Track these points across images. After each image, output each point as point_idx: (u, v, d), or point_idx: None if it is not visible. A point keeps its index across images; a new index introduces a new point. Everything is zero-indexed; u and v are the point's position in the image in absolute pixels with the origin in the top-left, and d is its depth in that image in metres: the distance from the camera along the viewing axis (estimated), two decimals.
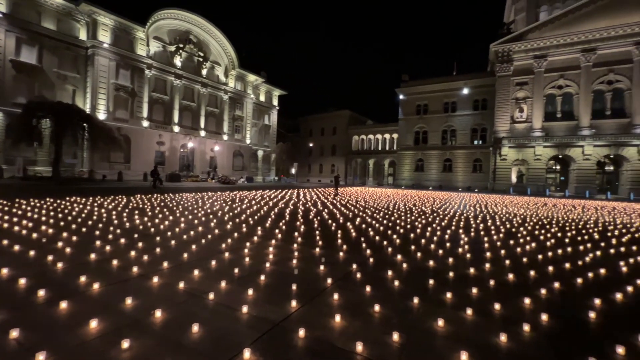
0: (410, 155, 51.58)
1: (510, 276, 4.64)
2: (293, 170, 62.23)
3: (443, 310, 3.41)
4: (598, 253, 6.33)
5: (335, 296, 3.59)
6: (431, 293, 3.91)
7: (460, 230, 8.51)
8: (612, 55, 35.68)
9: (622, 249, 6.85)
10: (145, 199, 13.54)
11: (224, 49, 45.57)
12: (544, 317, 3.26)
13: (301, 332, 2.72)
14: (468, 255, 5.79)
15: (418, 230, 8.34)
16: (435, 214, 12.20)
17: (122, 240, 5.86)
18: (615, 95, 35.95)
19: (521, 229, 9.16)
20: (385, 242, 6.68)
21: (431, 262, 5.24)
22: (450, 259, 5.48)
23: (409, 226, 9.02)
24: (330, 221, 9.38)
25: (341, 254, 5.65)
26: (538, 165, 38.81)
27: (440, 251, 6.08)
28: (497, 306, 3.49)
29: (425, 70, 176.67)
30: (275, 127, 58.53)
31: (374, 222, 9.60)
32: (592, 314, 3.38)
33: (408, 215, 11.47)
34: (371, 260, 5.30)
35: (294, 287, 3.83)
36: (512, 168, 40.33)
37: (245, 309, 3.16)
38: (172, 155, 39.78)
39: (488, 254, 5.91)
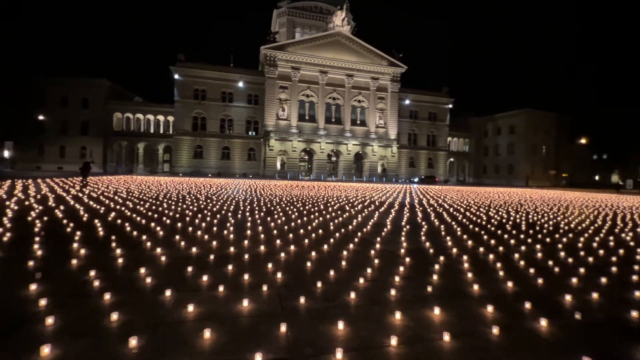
0: (189, 141, 48.99)
1: (262, 248, 5.47)
2: (6, 153, 41.56)
3: (197, 294, 3.44)
4: (321, 219, 8.82)
5: (50, 321, 2.68)
6: (188, 281, 3.85)
7: (229, 214, 9.08)
8: (336, 80, 50.62)
9: (334, 214, 9.96)
10: None
11: None
12: (279, 275, 4.10)
13: None
14: (231, 236, 6.25)
15: (187, 219, 8.03)
16: (208, 200, 12.28)
17: None
18: (336, 108, 51.54)
19: (277, 207, 11.11)
20: (145, 236, 5.88)
21: (194, 249, 5.18)
22: (215, 242, 5.68)
23: (177, 215, 8.49)
24: (65, 220, 7.05)
25: (75, 261, 4.37)
26: (294, 155, 48.93)
27: (206, 236, 6.16)
28: (246, 277, 3.98)
29: (204, 53, 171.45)
30: None
31: (134, 215, 8.23)
32: (309, 264, 4.63)
33: (179, 204, 10.80)
34: (121, 260, 4.47)
35: None
36: (277, 157, 48.30)
37: None
38: None
39: (248, 232, 6.67)
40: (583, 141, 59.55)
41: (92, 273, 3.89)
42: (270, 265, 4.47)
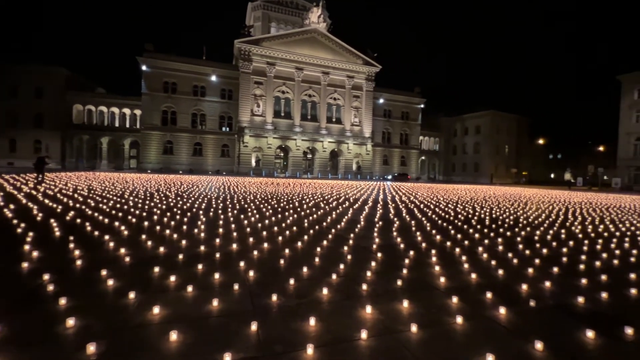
0: (158, 136, 46.79)
1: (234, 246, 5.36)
2: None
3: (164, 295, 3.30)
4: (295, 216, 8.79)
5: None
6: (155, 281, 3.68)
7: (201, 212, 8.79)
8: (311, 77, 50.50)
9: (309, 211, 9.96)
10: None
11: None
12: (251, 273, 4.03)
13: None
14: (202, 235, 6.06)
15: (155, 217, 7.68)
16: (179, 198, 11.82)
17: None
18: (312, 105, 51.49)
19: (251, 204, 10.93)
20: (108, 236, 5.55)
21: (162, 249, 4.96)
22: (184, 241, 5.47)
23: (144, 213, 8.09)
24: (15, 220, 6.47)
25: (27, 264, 4.02)
26: (270, 152, 48.35)
27: (175, 235, 5.92)
28: (217, 276, 3.88)
29: (175, 45, 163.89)
30: None
31: (96, 213, 7.73)
32: (282, 261, 4.60)
33: (147, 202, 10.29)
34: (80, 262, 4.19)
35: None
36: (252, 154, 47.47)
37: None
38: None
39: (220, 230, 6.50)
40: (541, 142, 64.14)
41: (46, 276, 3.61)
42: (242, 264, 4.39)
